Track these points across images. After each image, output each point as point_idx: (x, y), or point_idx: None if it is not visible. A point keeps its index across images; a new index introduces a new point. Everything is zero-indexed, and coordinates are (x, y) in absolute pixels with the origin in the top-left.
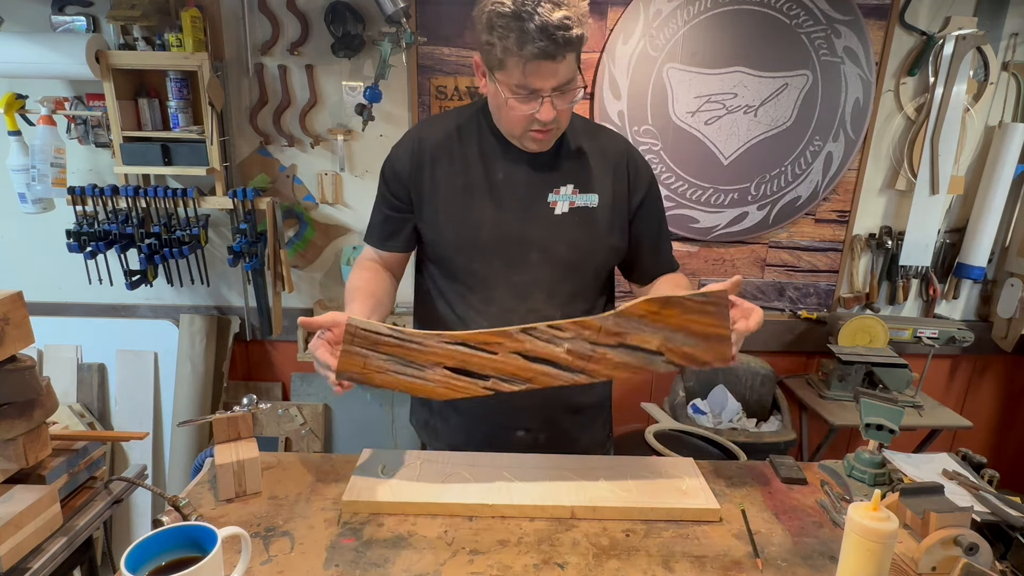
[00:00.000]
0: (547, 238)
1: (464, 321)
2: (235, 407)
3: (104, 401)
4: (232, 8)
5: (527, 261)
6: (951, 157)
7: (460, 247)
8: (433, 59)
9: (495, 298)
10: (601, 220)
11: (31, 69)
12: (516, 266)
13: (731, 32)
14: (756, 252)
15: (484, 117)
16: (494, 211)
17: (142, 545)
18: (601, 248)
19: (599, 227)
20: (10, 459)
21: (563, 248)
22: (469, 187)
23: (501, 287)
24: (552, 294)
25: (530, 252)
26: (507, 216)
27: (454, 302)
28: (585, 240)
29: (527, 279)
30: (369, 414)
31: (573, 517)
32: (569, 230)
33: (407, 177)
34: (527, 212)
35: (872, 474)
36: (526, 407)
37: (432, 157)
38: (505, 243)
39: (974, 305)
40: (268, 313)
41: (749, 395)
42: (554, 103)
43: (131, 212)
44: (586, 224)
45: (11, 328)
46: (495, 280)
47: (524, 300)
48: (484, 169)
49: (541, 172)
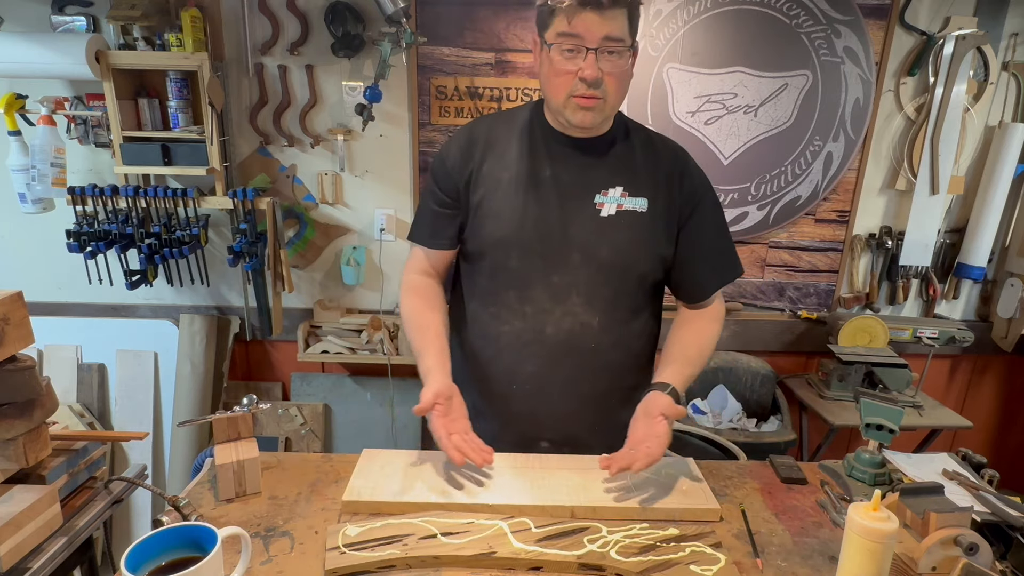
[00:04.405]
0: (590, 239)
1: (497, 320)
2: (235, 407)
3: (104, 401)
4: (232, 8)
5: (568, 262)
6: (951, 157)
7: (499, 242)
8: (433, 59)
9: (532, 298)
10: (649, 226)
11: (31, 69)
12: (556, 266)
13: (731, 32)
14: (756, 252)
15: (536, 114)
16: (537, 208)
17: (142, 545)
18: (647, 255)
19: (646, 233)
20: (10, 459)
21: (606, 251)
22: (514, 182)
23: (539, 287)
24: (591, 298)
25: (572, 252)
26: (550, 214)
27: (488, 301)
28: (630, 245)
29: (567, 280)
30: (369, 414)
31: (573, 517)
32: (614, 233)
33: (456, 172)
34: (572, 211)
35: (872, 474)
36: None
37: (482, 152)
38: (546, 241)
39: (974, 305)
40: (268, 313)
41: (749, 395)
42: (599, 63)
43: (131, 212)
44: (633, 228)
45: (11, 328)
46: (533, 279)
47: (561, 302)
48: (531, 165)
49: (590, 172)
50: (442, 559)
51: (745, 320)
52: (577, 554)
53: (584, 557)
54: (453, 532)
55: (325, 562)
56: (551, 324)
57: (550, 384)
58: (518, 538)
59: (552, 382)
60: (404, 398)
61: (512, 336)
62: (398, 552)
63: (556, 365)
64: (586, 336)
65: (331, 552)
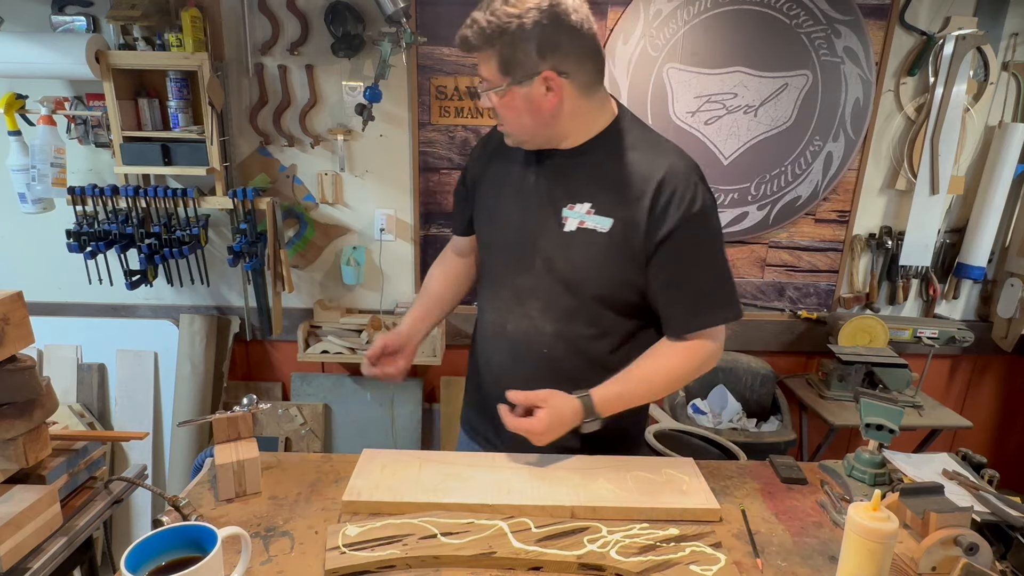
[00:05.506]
0: (552, 251)
1: (481, 309)
2: (235, 407)
3: (104, 401)
4: (232, 8)
5: (532, 268)
6: (951, 157)
7: (483, 242)
8: (433, 59)
9: (501, 295)
10: (606, 248)
11: (31, 69)
12: (521, 270)
13: (731, 32)
14: (756, 252)
15: None
16: (517, 213)
17: (142, 545)
18: (601, 277)
19: (602, 255)
20: (10, 459)
21: (563, 265)
22: (504, 186)
23: (507, 287)
24: (548, 306)
25: (536, 260)
26: (527, 220)
27: (479, 290)
28: (585, 264)
29: (529, 284)
30: (369, 414)
31: (573, 517)
32: (571, 250)
33: (473, 167)
34: (542, 220)
35: (872, 474)
36: None
37: (494, 152)
38: (516, 246)
39: (974, 305)
40: (268, 313)
41: (749, 395)
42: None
43: (131, 212)
44: (589, 248)
45: (11, 328)
46: (503, 279)
47: (521, 304)
48: (523, 170)
49: (563, 184)
50: (442, 559)
51: (745, 320)
52: (577, 554)
53: (584, 557)
54: (453, 532)
55: (325, 562)
56: (512, 323)
57: (512, 377)
58: (518, 538)
59: (514, 376)
60: (404, 398)
61: (487, 326)
62: (398, 552)
63: (517, 361)
64: (540, 340)
65: (331, 552)
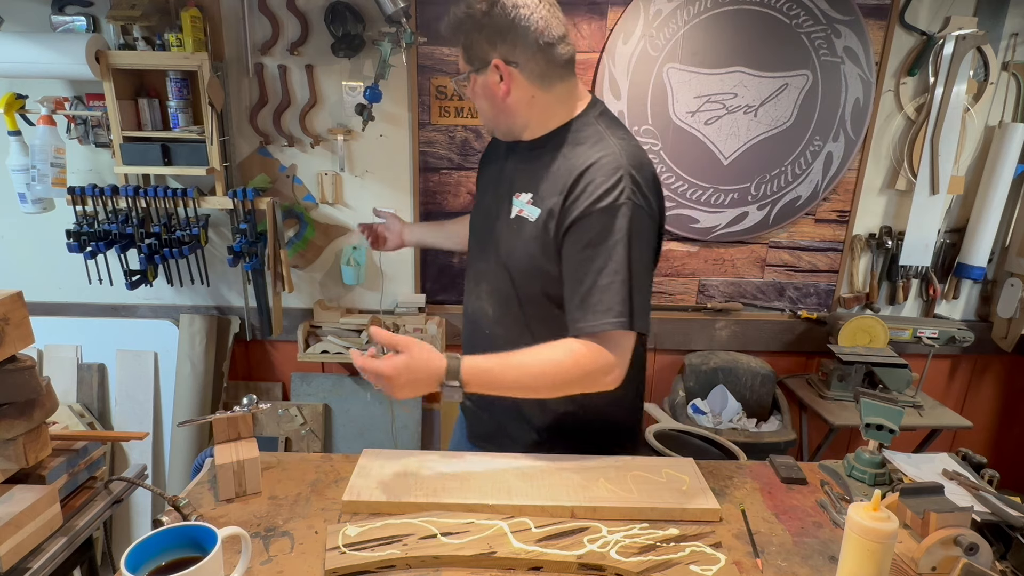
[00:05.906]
0: (499, 237)
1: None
2: (235, 407)
3: (104, 401)
4: (232, 8)
5: (487, 252)
6: (951, 157)
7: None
8: (433, 59)
9: (468, 278)
10: (531, 237)
11: (31, 69)
12: (481, 254)
13: (731, 32)
14: (756, 252)
15: None
16: (487, 199)
17: (142, 545)
18: (528, 267)
19: (527, 243)
20: (10, 459)
21: (503, 250)
22: (487, 176)
23: (472, 269)
24: (493, 290)
25: (490, 245)
26: (489, 208)
27: None
28: (516, 252)
29: (483, 268)
30: (369, 414)
31: (573, 517)
32: (509, 237)
33: (485, 153)
34: (499, 208)
35: (872, 474)
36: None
37: (495, 141)
38: (480, 232)
39: (974, 305)
40: (268, 313)
41: (749, 395)
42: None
43: (131, 212)
44: (520, 236)
45: (11, 328)
46: (471, 263)
47: (476, 284)
48: (501, 163)
49: (518, 175)
50: (442, 559)
51: (745, 320)
52: (577, 554)
53: (584, 557)
54: (453, 532)
55: (325, 562)
56: (470, 304)
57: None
58: (518, 538)
59: (474, 349)
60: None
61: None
62: (398, 552)
63: (470, 341)
64: (483, 322)
65: (331, 552)
